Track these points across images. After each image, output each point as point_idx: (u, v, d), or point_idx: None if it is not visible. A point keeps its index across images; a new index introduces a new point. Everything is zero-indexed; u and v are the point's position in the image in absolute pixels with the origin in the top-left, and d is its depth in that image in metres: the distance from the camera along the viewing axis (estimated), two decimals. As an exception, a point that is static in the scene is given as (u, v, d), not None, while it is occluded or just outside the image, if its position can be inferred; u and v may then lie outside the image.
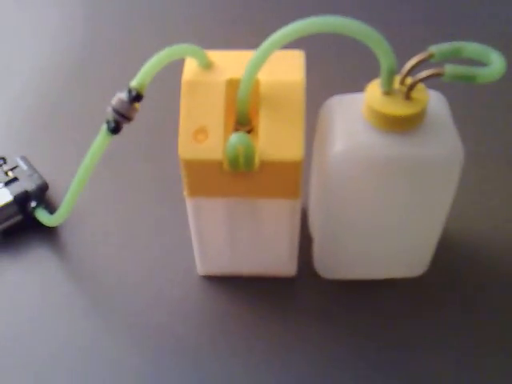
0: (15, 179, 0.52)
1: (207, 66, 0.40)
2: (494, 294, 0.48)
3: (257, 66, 0.37)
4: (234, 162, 0.38)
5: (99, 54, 0.72)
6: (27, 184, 0.52)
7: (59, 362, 0.44)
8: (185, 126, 0.39)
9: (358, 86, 0.41)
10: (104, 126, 0.39)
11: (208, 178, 0.40)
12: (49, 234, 0.52)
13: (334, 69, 0.67)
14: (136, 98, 0.38)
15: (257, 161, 0.38)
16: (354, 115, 0.39)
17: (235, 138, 0.37)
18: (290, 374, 0.43)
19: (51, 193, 0.55)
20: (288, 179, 0.40)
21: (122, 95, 0.38)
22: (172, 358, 0.44)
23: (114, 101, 0.38)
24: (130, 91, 0.38)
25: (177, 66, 0.41)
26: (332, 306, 0.47)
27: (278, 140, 0.39)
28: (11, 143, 0.61)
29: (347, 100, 0.41)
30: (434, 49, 0.37)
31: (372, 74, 0.39)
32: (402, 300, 0.48)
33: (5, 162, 0.55)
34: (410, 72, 0.38)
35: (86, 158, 0.41)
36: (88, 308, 0.48)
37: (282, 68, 0.40)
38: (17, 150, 0.58)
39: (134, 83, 0.38)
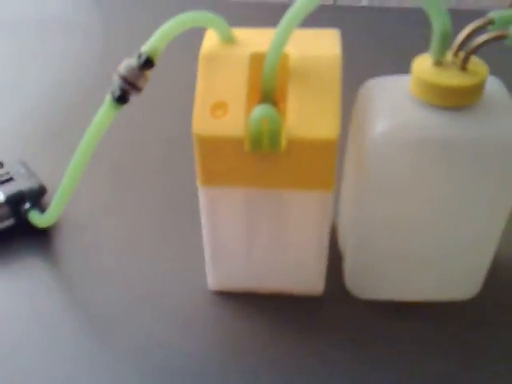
0: (10, 179, 0.47)
1: (229, 39, 0.36)
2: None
3: (286, 33, 0.32)
4: (256, 140, 0.32)
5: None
6: (22, 185, 0.47)
7: (47, 379, 0.37)
8: (201, 101, 0.34)
9: (398, 71, 0.36)
10: (108, 96, 0.34)
11: (226, 162, 0.34)
12: (43, 242, 0.46)
13: (367, 53, 0.62)
14: (146, 63, 0.33)
15: (283, 140, 0.33)
16: (399, 93, 0.34)
17: (259, 109, 0.32)
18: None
19: (50, 199, 0.49)
20: (320, 164, 0.34)
21: (131, 60, 0.33)
22: (179, 380, 0.37)
23: (122, 67, 0.33)
24: (139, 56, 0.33)
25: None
26: (365, 331, 0.40)
27: (309, 116, 0.33)
28: (14, 151, 0.56)
29: (389, 80, 0.36)
30: (494, 14, 0.32)
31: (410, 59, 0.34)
32: (448, 327, 0.40)
33: (1, 166, 0.50)
34: (466, 41, 0.32)
35: (86, 135, 0.36)
36: (83, 323, 0.41)
37: (316, 44, 0.36)
38: (19, 156, 0.53)
39: (145, 47, 0.33)
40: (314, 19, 0.35)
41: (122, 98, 0.34)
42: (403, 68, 0.36)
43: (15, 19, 0.79)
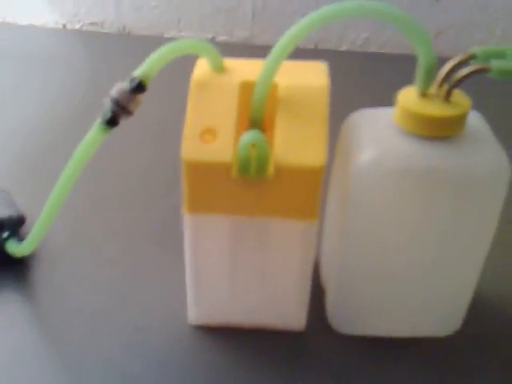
0: (-11, 207, 0.46)
1: (219, 68, 0.36)
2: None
3: (275, 63, 0.33)
4: (244, 166, 0.33)
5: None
6: (1, 213, 0.46)
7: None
8: (191, 126, 0.34)
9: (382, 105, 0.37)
10: (98, 120, 0.34)
11: (213, 188, 0.34)
12: (19, 272, 0.45)
13: (349, 92, 0.64)
14: (138, 87, 0.33)
15: (271, 166, 0.33)
16: (384, 123, 0.35)
17: (248, 135, 0.32)
18: None
19: (29, 229, 0.48)
20: (306, 192, 0.34)
21: (123, 84, 0.33)
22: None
23: (114, 90, 0.33)
24: (132, 80, 0.33)
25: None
26: (347, 366, 0.39)
27: (296, 144, 0.33)
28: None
29: (374, 112, 0.37)
30: (476, 49, 0.33)
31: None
32: (429, 363, 0.40)
33: (-19, 195, 0.49)
34: (450, 74, 0.34)
35: (73, 157, 0.35)
36: (56, 357, 0.39)
37: (304, 74, 0.37)
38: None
39: (137, 72, 0.33)
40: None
41: (112, 121, 0.34)
42: (385, 105, 0.37)
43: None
